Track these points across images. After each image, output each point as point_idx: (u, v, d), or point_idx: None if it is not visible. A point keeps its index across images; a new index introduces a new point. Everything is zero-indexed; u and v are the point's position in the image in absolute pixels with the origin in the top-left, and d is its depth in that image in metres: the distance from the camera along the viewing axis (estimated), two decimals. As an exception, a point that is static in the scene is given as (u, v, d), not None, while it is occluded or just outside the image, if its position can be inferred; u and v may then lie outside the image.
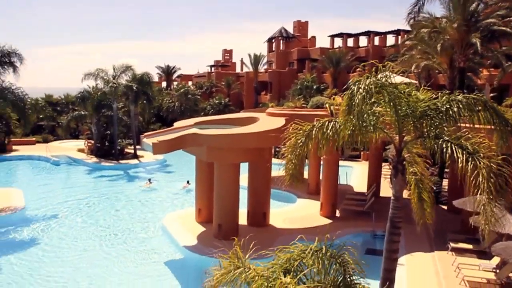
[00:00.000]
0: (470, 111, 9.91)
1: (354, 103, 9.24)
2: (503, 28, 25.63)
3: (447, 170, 28.15)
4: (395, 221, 10.92)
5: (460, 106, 9.88)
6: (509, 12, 26.17)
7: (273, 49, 70.44)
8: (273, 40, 70.41)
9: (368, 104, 9.62)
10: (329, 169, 24.34)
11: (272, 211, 22.93)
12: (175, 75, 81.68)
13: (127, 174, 38.13)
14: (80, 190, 32.41)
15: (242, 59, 76.62)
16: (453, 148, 9.72)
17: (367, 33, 60.95)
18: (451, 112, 9.89)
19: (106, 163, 41.54)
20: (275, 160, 24.10)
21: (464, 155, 9.48)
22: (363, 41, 62.71)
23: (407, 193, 11.57)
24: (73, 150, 46.92)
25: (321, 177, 26.09)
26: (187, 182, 31.43)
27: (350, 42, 62.58)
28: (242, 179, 21.11)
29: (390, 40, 60.69)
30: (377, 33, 60.45)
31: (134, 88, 43.08)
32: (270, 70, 67.78)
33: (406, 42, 32.80)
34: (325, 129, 10.26)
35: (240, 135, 19.85)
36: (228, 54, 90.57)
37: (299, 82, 54.64)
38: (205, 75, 78.75)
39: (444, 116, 9.95)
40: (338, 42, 64.82)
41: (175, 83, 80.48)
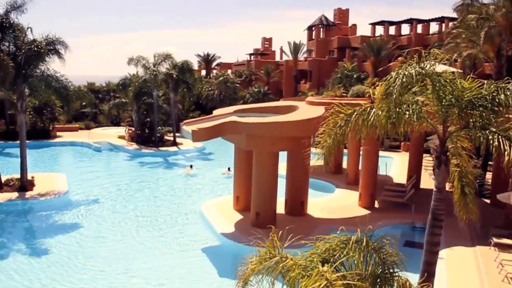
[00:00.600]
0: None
1: (391, 90, 9.01)
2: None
3: (491, 162, 27.33)
4: (437, 213, 10.65)
5: (508, 94, 9.50)
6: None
7: (313, 37, 69.66)
8: (313, 28, 69.62)
9: (409, 92, 9.36)
10: (369, 159, 24.00)
11: (310, 201, 22.83)
12: (214, 63, 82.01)
13: (166, 161, 38.63)
14: (120, 176, 33.06)
15: (281, 47, 76.19)
16: (500, 140, 9.35)
17: (410, 21, 59.50)
18: (498, 101, 9.52)
19: (146, 150, 42.21)
20: (313, 150, 23.96)
21: (512, 147, 9.12)
22: (405, 29, 61.30)
23: (448, 185, 11.25)
24: (114, 136, 47.92)
25: (360, 168, 25.78)
26: (228, 169, 31.56)
27: (392, 30, 61.25)
28: (281, 168, 21.04)
29: (434, 28, 59.17)
30: (420, 21, 58.86)
31: (174, 76, 43.57)
32: (309, 58, 67.14)
33: (451, 30, 31.87)
34: (366, 115, 10.04)
35: (280, 123, 19.76)
36: (267, 43, 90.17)
37: (339, 70, 54.00)
38: (244, 64, 78.74)
39: (491, 105, 9.59)
40: (379, 30, 63.64)
41: (215, 71, 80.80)
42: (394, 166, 34.94)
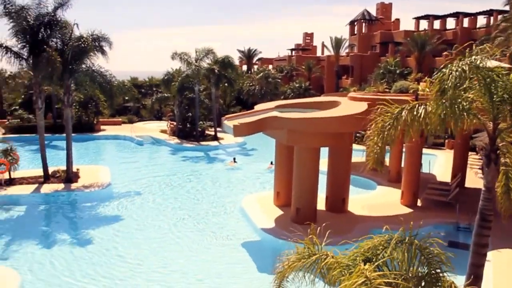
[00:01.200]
0: None
1: (447, 86, 8.70)
2: None
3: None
4: (486, 213, 10.28)
5: None
6: None
7: (355, 32, 68.84)
8: (356, 23, 68.77)
9: (461, 88, 9.03)
10: (412, 156, 23.49)
11: (351, 198, 22.52)
12: (255, 59, 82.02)
13: (207, 156, 38.91)
14: (161, 169, 33.47)
15: (323, 42, 75.56)
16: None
17: (456, 14, 57.93)
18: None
19: (187, 144, 42.64)
20: (355, 146, 23.66)
21: None
22: (450, 23, 59.76)
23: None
24: (156, 131, 48.61)
25: (402, 165, 25.28)
26: (271, 163, 31.42)
27: (437, 24, 59.81)
28: (322, 164, 20.84)
29: (481, 21, 57.43)
30: (466, 14, 57.25)
31: (216, 71, 43.79)
32: (351, 53, 66.36)
33: (500, 23, 30.80)
34: (415, 111, 9.74)
35: (322, 119, 19.54)
36: (309, 38, 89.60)
37: (381, 66, 53.19)
38: (285, 59, 78.50)
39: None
40: (423, 24, 62.29)
41: (256, 66, 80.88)
42: (437, 164, 34.10)
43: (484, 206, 10.29)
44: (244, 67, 79.85)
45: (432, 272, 7.33)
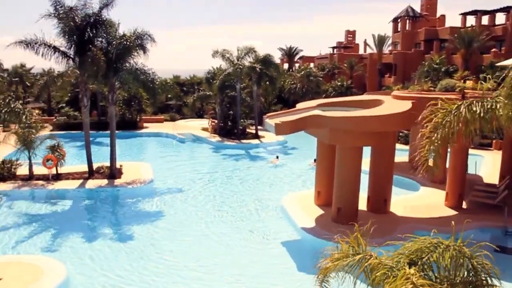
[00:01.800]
0: None
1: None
2: None
3: None
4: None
5: None
6: None
7: (399, 29, 67.54)
8: (399, 20, 67.48)
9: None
10: (457, 157, 22.85)
11: (393, 198, 22.11)
12: (297, 57, 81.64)
13: (248, 154, 39.00)
14: (203, 167, 33.78)
15: (365, 40, 74.57)
16: None
17: (506, 9, 55.87)
18: None
19: (229, 142, 42.89)
20: (398, 145, 23.21)
21: None
22: (500, 18, 57.67)
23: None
24: (197, 128, 49.09)
25: (447, 165, 24.64)
26: (314, 161, 31.18)
27: (485, 20, 57.91)
28: (364, 163, 20.53)
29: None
30: (518, 8, 55.19)
31: (257, 69, 43.81)
32: (395, 51, 65.18)
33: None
34: (475, 107, 9.32)
35: (364, 118, 19.24)
36: (351, 35, 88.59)
37: (426, 64, 51.98)
38: (327, 57, 77.84)
39: None
40: (470, 20, 60.40)
41: (297, 64, 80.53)
42: (484, 165, 33.09)
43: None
44: (286, 66, 79.66)
45: (479, 279, 7.07)
